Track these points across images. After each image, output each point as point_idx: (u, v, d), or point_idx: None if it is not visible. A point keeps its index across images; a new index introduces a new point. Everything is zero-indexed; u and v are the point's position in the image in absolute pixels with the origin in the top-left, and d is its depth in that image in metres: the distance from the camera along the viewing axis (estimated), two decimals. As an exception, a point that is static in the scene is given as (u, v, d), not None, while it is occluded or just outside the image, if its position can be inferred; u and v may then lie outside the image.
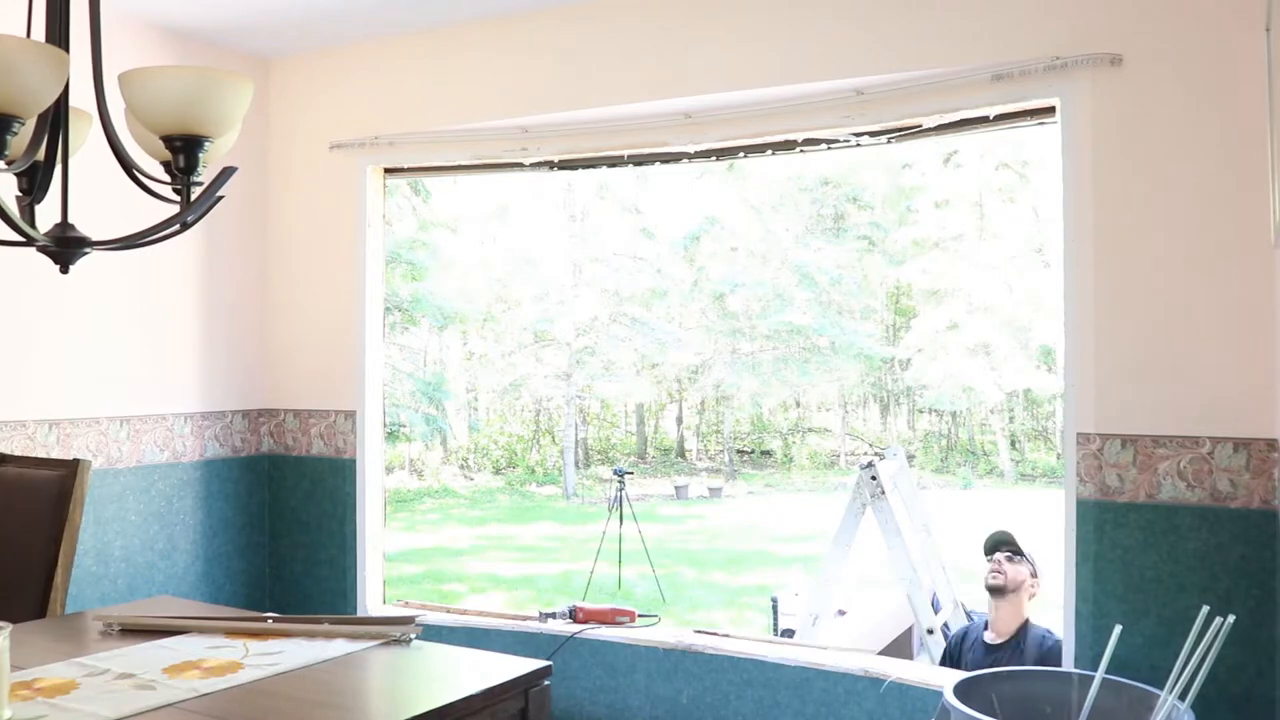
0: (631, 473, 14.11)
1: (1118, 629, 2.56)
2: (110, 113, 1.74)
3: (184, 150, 1.62)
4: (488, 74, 3.79)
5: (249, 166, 4.14)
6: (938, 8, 3.08)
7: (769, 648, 3.45)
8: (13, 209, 1.55)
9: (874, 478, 4.35)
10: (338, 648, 2.09)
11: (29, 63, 1.41)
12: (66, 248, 1.64)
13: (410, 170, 4.16)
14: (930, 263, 18.14)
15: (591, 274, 18.39)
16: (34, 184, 1.71)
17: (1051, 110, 3.01)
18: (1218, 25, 2.71)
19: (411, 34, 3.93)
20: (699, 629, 3.72)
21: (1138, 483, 2.81)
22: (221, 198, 1.72)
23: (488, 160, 3.93)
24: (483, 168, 4.00)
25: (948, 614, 4.70)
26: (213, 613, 2.47)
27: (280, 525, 4.26)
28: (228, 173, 1.68)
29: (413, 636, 2.16)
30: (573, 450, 18.71)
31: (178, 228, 1.69)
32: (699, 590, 10.12)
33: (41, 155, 1.66)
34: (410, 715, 1.72)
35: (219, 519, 4.11)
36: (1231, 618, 2.31)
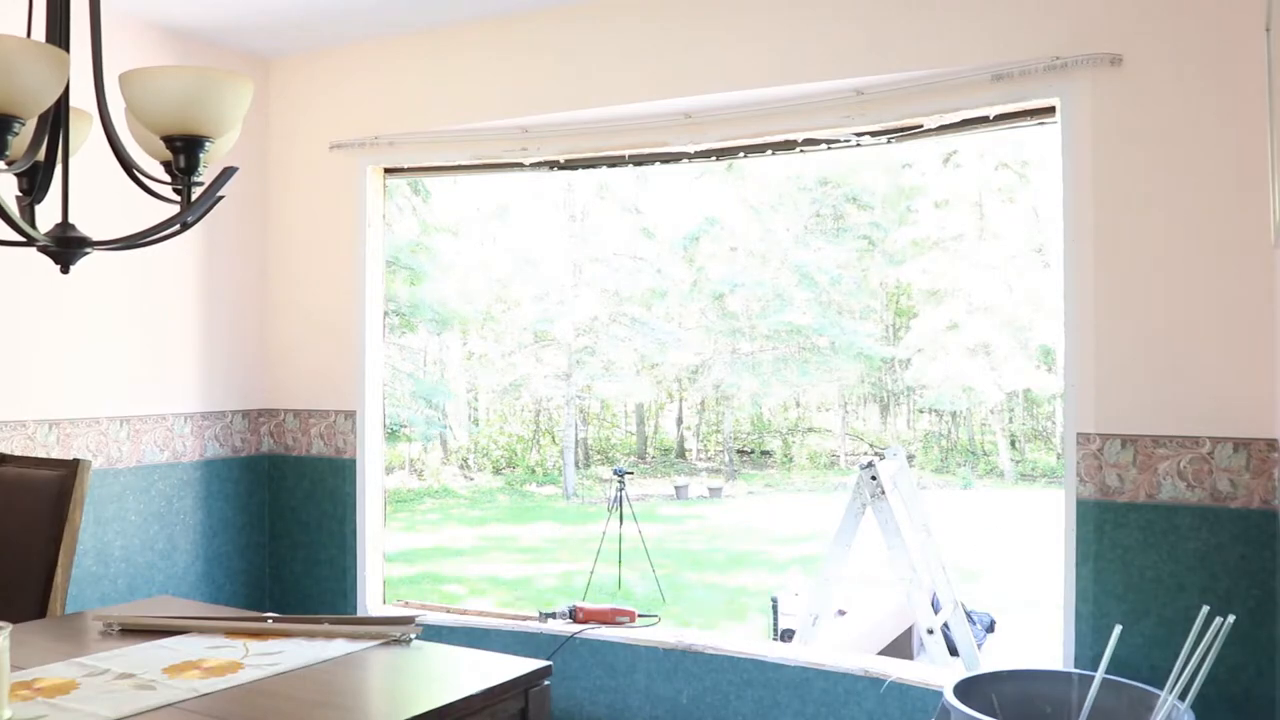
0: (631, 473, 14.10)
1: (1118, 629, 2.56)
2: (110, 113, 1.74)
3: (184, 150, 1.62)
4: (488, 74, 3.79)
5: (249, 166, 4.14)
6: (938, 8, 3.08)
7: (769, 647, 3.45)
8: (13, 209, 1.55)
9: (874, 478, 4.36)
10: (338, 648, 2.09)
11: (29, 63, 1.41)
12: (67, 248, 1.65)
13: (410, 170, 4.16)
14: (930, 263, 18.13)
15: (591, 274, 18.38)
16: (34, 184, 1.71)
17: (1051, 110, 3.01)
18: (1218, 25, 2.71)
19: (411, 34, 3.93)
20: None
21: (1138, 483, 2.81)
22: (222, 198, 1.72)
23: (488, 160, 3.93)
24: (483, 168, 4.00)
25: (948, 614, 4.70)
26: (213, 613, 2.47)
27: (280, 525, 4.26)
28: (228, 173, 1.68)
29: (413, 636, 2.16)
30: (573, 450, 18.70)
31: (178, 228, 1.70)
32: (699, 590, 10.12)
33: (42, 155, 1.66)
34: (410, 715, 1.72)
35: (219, 519, 4.11)
36: (1231, 618, 2.31)
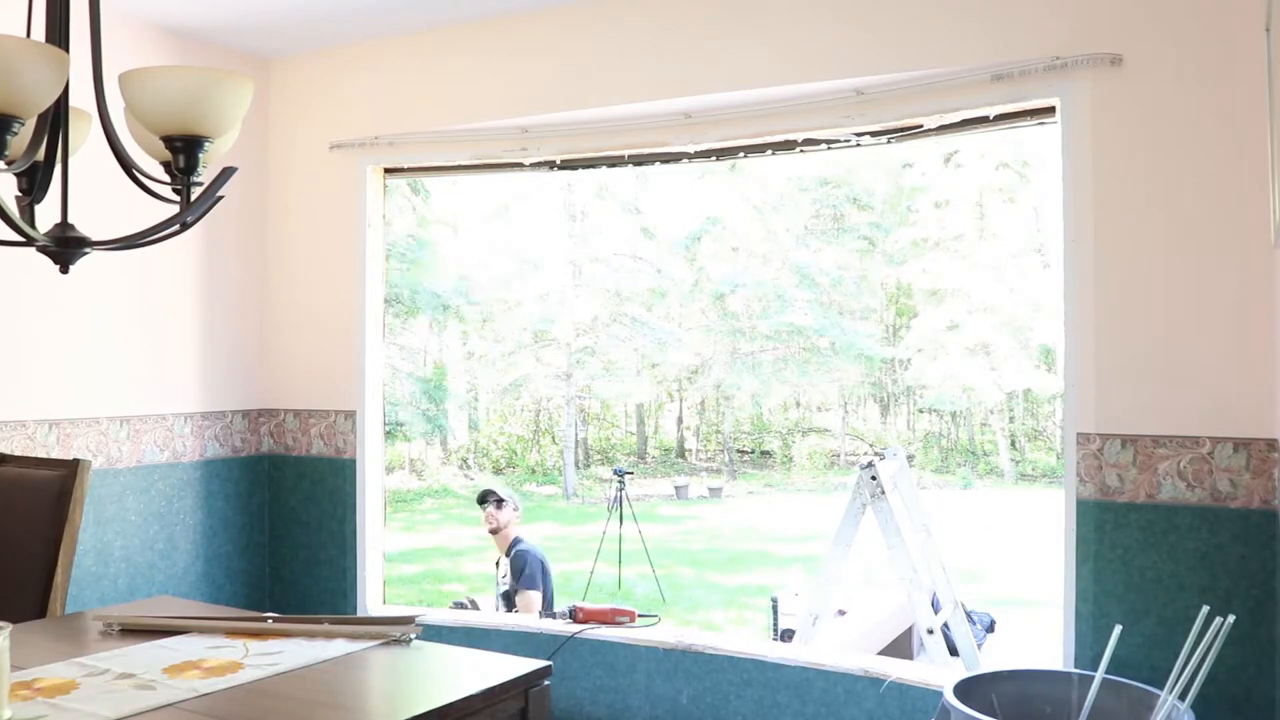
0: (631, 473, 14.10)
1: (1118, 629, 2.56)
2: (110, 113, 1.74)
3: (184, 150, 1.62)
4: (488, 74, 3.79)
5: (249, 166, 4.14)
6: (938, 8, 3.08)
7: (769, 647, 3.45)
8: (13, 209, 1.55)
9: (874, 478, 4.36)
10: (338, 648, 2.09)
11: (29, 63, 1.41)
12: (66, 248, 1.64)
13: (410, 170, 4.16)
14: (930, 263, 18.14)
15: (591, 274, 18.38)
16: (34, 184, 1.71)
17: (1051, 110, 3.01)
18: (1218, 25, 2.71)
19: (411, 34, 3.93)
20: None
21: (1138, 483, 2.81)
22: (221, 198, 1.72)
23: (488, 160, 3.93)
24: (483, 168, 4.00)
25: (948, 614, 4.70)
26: (213, 613, 2.47)
27: (280, 525, 4.26)
28: (228, 173, 1.68)
29: (413, 636, 2.16)
30: (573, 450, 18.70)
31: (178, 228, 1.69)
32: (699, 590, 10.12)
33: (41, 155, 1.66)
34: (410, 715, 1.72)
35: (219, 519, 4.11)
36: (1231, 618, 2.31)
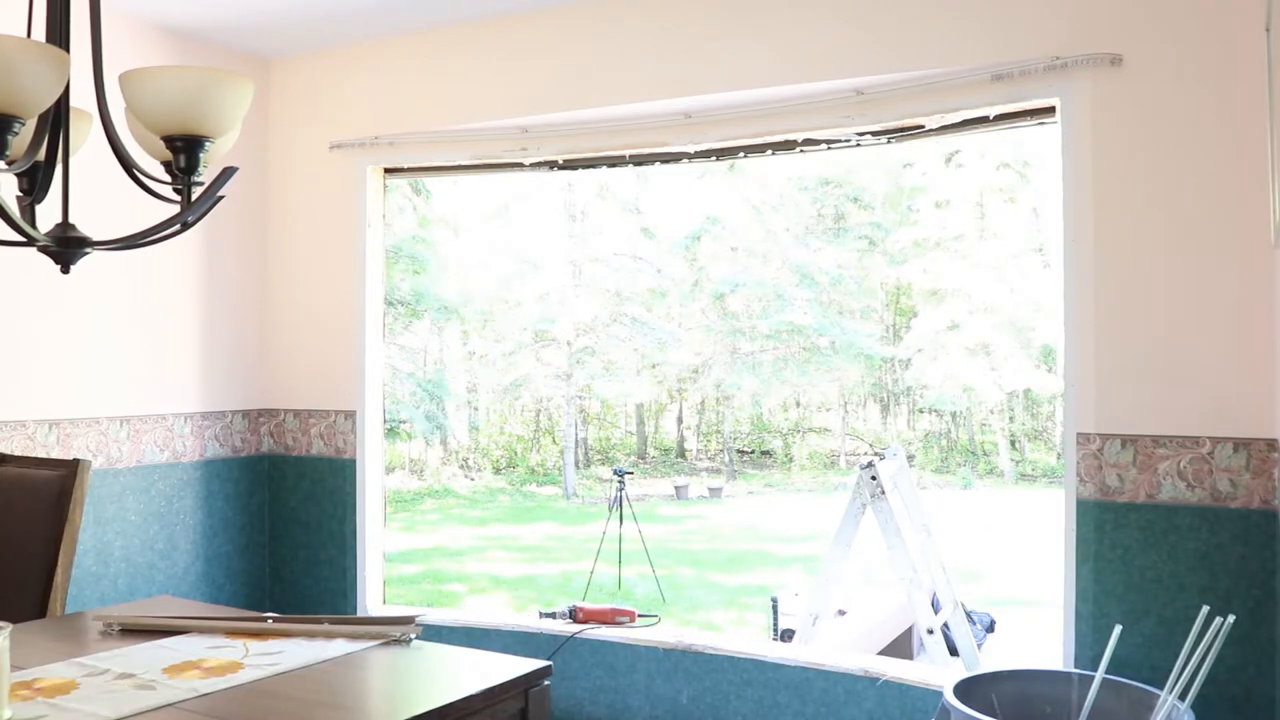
0: (631, 473, 14.10)
1: (1118, 629, 2.56)
2: (111, 113, 1.74)
3: (184, 150, 1.62)
4: (488, 74, 3.79)
5: (249, 166, 4.14)
6: (938, 8, 3.08)
7: (769, 647, 3.45)
8: (13, 209, 1.55)
9: (874, 478, 4.36)
10: (338, 648, 2.09)
11: (29, 63, 1.41)
12: (67, 248, 1.64)
13: (410, 170, 4.16)
14: (931, 263, 18.13)
15: (591, 274, 18.38)
16: (34, 184, 1.71)
17: (1051, 110, 3.01)
18: (1218, 25, 2.71)
19: (411, 34, 3.93)
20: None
21: (1138, 483, 2.81)
22: (222, 198, 1.72)
23: (488, 160, 3.93)
24: (483, 168, 4.00)
25: (948, 614, 4.70)
26: (213, 613, 2.47)
27: (280, 525, 4.26)
28: (228, 173, 1.68)
29: (413, 636, 2.16)
30: (573, 450, 18.70)
31: (178, 228, 1.69)
32: (699, 590, 10.12)
33: (42, 155, 1.66)
34: (410, 715, 1.72)
35: (219, 519, 4.11)
36: (1231, 618, 2.31)
